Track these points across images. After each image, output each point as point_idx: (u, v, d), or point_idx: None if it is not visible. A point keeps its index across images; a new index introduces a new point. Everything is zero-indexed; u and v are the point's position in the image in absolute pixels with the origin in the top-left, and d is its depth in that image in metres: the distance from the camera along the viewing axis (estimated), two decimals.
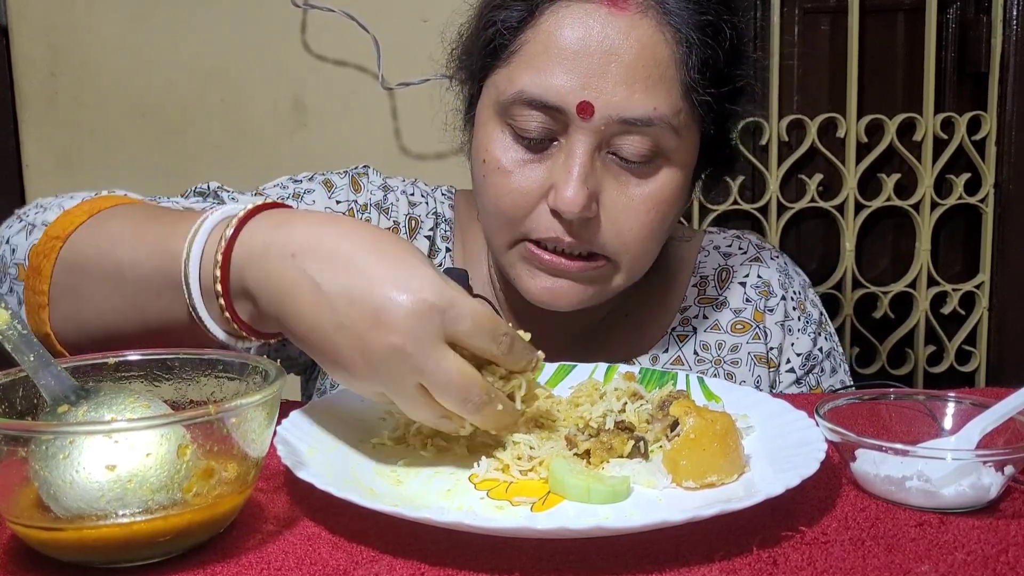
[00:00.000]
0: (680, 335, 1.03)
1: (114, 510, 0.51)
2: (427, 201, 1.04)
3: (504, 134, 0.87)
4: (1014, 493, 0.64)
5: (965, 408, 0.69)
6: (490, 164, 0.87)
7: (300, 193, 0.98)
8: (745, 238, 1.10)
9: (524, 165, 0.86)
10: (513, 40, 0.86)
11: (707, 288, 1.05)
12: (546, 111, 0.83)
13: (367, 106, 1.75)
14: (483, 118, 0.89)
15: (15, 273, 0.78)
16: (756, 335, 1.03)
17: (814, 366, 1.05)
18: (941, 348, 1.98)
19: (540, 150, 0.86)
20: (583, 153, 0.83)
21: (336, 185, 1.00)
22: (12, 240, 0.79)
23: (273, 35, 1.72)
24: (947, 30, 1.90)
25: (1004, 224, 1.92)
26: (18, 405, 0.57)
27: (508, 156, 0.86)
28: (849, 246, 1.91)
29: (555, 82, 0.82)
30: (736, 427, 0.66)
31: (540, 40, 0.84)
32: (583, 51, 0.82)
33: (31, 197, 1.74)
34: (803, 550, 0.55)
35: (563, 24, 0.83)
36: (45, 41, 1.71)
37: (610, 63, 0.82)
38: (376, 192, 1.01)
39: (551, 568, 0.53)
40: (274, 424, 0.59)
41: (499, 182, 0.87)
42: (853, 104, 1.85)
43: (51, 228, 0.77)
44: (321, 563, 0.53)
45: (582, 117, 0.82)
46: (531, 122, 0.84)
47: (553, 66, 0.83)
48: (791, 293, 1.06)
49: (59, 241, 0.75)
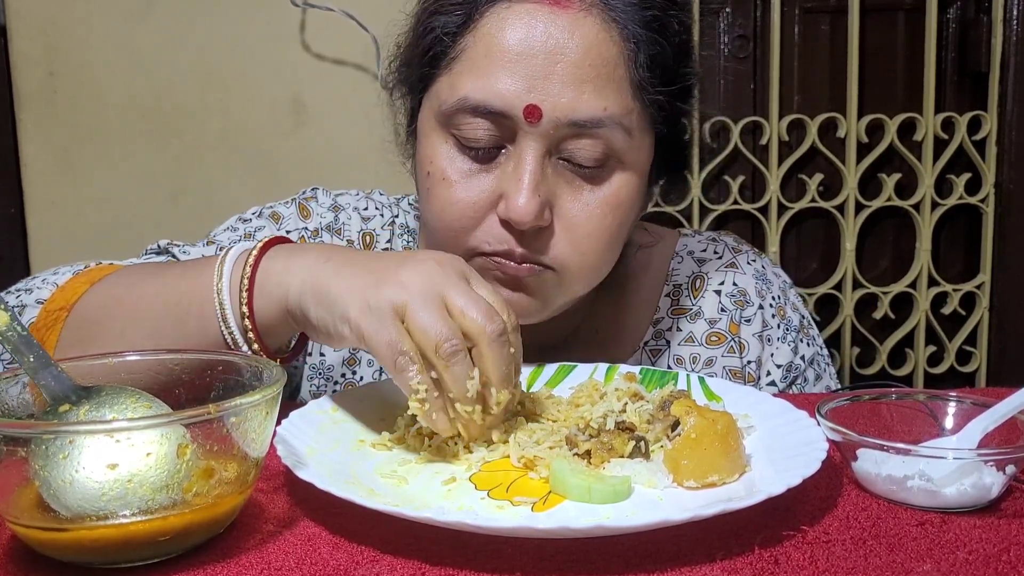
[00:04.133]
0: (653, 350, 1.00)
1: (114, 510, 0.50)
2: (382, 213, 1.01)
3: (448, 144, 0.83)
4: (1015, 492, 0.63)
5: (966, 408, 0.69)
6: (435, 176, 0.83)
7: (251, 232, 0.96)
8: (721, 241, 1.05)
9: (471, 176, 0.82)
10: (453, 46, 0.82)
11: (680, 298, 1.01)
12: (491, 118, 0.80)
13: (366, 105, 1.75)
14: (425, 129, 0.85)
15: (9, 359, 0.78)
16: (731, 348, 0.99)
17: (796, 376, 1.01)
18: (941, 348, 1.98)
19: (487, 160, 0.82)
20: (533, 160, 0.79)
21: (283, 216, 0.98)
22: None
23: (272, 34, 1.72)
24: (947, 30, 1.90)
25: (1004, 224, 1.92)
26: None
27: (454, 167, 0.82)
28: (849, 246, 1.91)
29: (499, 86, 0.78)
30: (737, 427, 0.66)
31: (481, 44, 0.80)
32: (527, 52, 0.78)
33: (30, 197, 1.75)
34: (805, 549, 0.54)
35: (504, 26, 0.79)
36: (43, 40, 1.71)
37: (556, 63, 0.78)
38: (326, 215, 0.99)
39: (552, 568, 0.53)
40: (274, 424, 0.59)
41: (444, 194, 0.82)
42: (853, 104, 1.86)
43: (49, 303, 0.79)
44: (321, 563, 0.53)
45: (529, 122, 0.78)
46: (477, 130, 0.80)
47: (496, 70, 0.79)
48: (769, 300, 1.02)
49: (64, 312, 0.77)
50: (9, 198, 1.75)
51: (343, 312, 0.66)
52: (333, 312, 0.67)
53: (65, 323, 0.77)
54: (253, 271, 0.72)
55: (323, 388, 0.98)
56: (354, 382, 0.98)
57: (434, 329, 0.64)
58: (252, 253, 0.73)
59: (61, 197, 1.75)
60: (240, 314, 0.71)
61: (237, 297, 0.71)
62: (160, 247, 0.96)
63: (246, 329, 0.72)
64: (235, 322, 0.72)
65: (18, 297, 0.83)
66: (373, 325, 0.65)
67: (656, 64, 0.82)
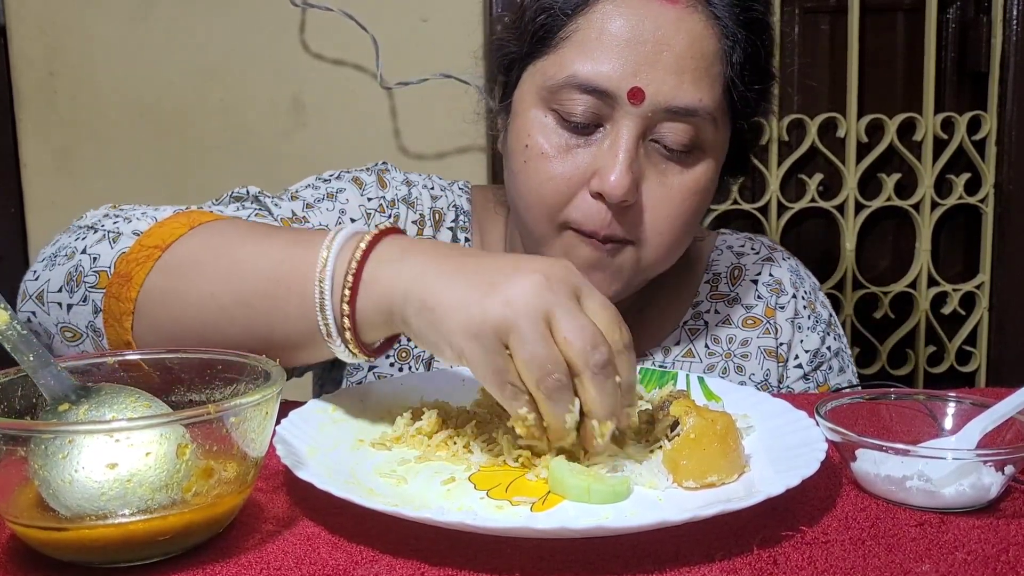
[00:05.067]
0: (692, 329, 1.04)
1: (113, 509, 0.50)
2: (446, 195, 1.05)
3: (548, 119, 0.88)
4: (1014, 493, 0.64)
5: (965, 408, 0.69)
6: (532, 149, 0.88)
7: (333, 192, 0.98)
8: (758, 240, 1.12)
9: (567, 151, 0.87)
10: (565, 27, 0.87)
11: (719, 285, 1.07)
12: (596, 95, 0.85)
13: (366, 106, 1.75)
14: (524, 105, 0.90)
15: (93, 281, 0.76)
16: (767, 330, 1.05)
17: (821, 363, 1.06)
18: (941, 348, 1.98)
19: (584, 135, 0.87)
20: (629, 138, 0.84)
21: (365, 182, 1.01)
22: (92, 249, 0.78)
23: (272, 34, 1.72)
24: (947, 30, 1.90)
25: (1004, 224, 1.92)
26: (17, 405, 0.57)
27: (551, 141, 0.87)
28: (849, 246, 1.91)
29: (606, 68, 0.84)
30: (736, 427, 0.66)
31: (593, 27, 0.86)
32: (635, 40, 0.84)
33: (29, 197, 1.75)
34: (803, 550, 0.54)
35: (617, 13, 0.85)
36: (43, 41, 1.71)
37: (661, 52, 0.84)
38: (401, 187, 1.02)
39: (551, 568, 0.53)
40: (273, 424, 0.59)
41: (541, 167, 0.87)
42: (853, 104, 1.85)
43: (145, 238, 0.76)
44: (321, 563, 0.53)
45: (632, 103, 0.84)
46: (578, 106, 0.85)
47: (607, 52, 0.84)
48: (802, 293, 1.08)
49: (157, 251, 0.75)
50: (9, 198, 1.75)
51: (448, 336, 0.64)
52: (438, 330, 0.64)
53: (156, 263, 0.74)
54: (360, 267, 0.68)
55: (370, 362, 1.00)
56: (408, 348, 1.01)
57: (536, 363, 0.61)
58: (360, 247, 0.69)
59: (61, 197, 1.75)
60: (340, 311, 0.68)
61: (340, 293, 0.68)
62: (249, 193, 0.95)
63: (343, 327, 0.68)
64: (333, 317, 0.68)
65: (115, 223, 0.80)
66: (477, 353, 0.62)
67: (748, 62, 0.88)
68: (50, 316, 0.78)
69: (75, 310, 0.77)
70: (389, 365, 1.01)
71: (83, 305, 0.77)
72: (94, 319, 0.76)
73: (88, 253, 0.78)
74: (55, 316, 0.78)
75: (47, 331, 0.79)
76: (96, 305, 0.76)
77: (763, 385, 1.03)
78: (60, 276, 0.78)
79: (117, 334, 0.75)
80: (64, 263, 0.79)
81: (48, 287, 0.78)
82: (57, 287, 0.78)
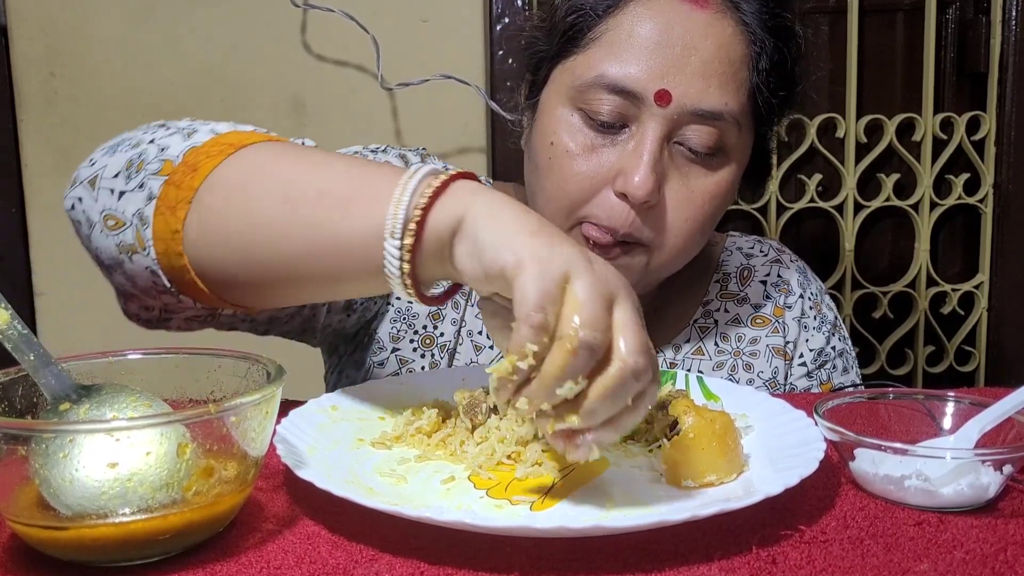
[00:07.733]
0: (702, 327, 1.06)
1: (114, 508, 0.51)
2: None
3: (574, 118, 0.89)
4: (1012, 492, 0.64)
5: (964, 407, 0.69)
6: (558, 147, 0.89)
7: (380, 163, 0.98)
8: (766, 242, 1.13)
9: (592, 150, 0.88)
10: (595, 27, 0.88)
11: (729, 284, 1.08)
12: (623, 95, 0.86)
13: (367, 106, 1.75)
14: (552, 103, 0.91)
15: (156, 168, 0.72)
16: (776, 329, 1.06)
17: (825, 362, 1.08)
18: (940, 348, 1.98)
19: (610, 135, 0.87)
20: (654, 140, 0.85)
21: (410, 160, 1.01)
22: (161, 141, 0.75)
23: (273, 35, 1.72)
24: (946, 30, 1.90)
25: (1003, 224, 1.92)
26: (17, 404, 0.57)
27: (577, 139, 0.88)
28: (848, 246, 1.91)
29: (634, 69, 0.85)
30: (735, 426, 0.66)
31: (623, 29, 0.87)
32: (664, 42, 0.85)
33: (30, 197, 1.75)
34: (802, 549, 0.55)
35: (647, 15, 0.86)
36: (44, 41, 1.71)
37: (689, 56, 0.85)
38: None
39: (550, 567, 0.53)
40: (274, 423, 0.59)
41: (566, 165, 0.88)
42: (852, 104, 1.86)
43: (223, 136, 0.73)
44: (321, 562, 0.53)
45: (659, 105, 0.85)
46: (605, 106, 0.86)
47: (636, 53, 0.85)
48: (809, 294, 1.09)
49: (231, 148, 0.71)
50: (9, 198, 1.75)
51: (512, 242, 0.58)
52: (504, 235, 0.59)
53: (229, 158, 0.71)
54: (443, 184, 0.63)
55: (403, 333, 1.01)
56: (433, 335, 1.01)
57: (589, 310, 0.55)
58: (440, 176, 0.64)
59: (61, 197, 1.75)
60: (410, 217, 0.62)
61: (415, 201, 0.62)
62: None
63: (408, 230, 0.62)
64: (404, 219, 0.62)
65: (189, 125, 0.77)
66: (536, 269, 0.56)
67: (774, 70, 0.90)
68: (97, 203, 0.75)
69: (127, 196, 0.73)
70: (412, 350, 1.01)
71: (138, 192, 0.72)
72: (144, 207, 0.71)
73: (156, 143, 0.75)
74: (103, 202, 0.74)
75: (89, 219, 0.76)
76: (152, 192, 0.71)
77: (771, 383, 1.04)
78: (119, 162, 0.75)
79: (166, 223, 0.70)
80: (126, 151, 0.76)
81: (104, 172, 0.76)
82: (113, 173, 0.75)
